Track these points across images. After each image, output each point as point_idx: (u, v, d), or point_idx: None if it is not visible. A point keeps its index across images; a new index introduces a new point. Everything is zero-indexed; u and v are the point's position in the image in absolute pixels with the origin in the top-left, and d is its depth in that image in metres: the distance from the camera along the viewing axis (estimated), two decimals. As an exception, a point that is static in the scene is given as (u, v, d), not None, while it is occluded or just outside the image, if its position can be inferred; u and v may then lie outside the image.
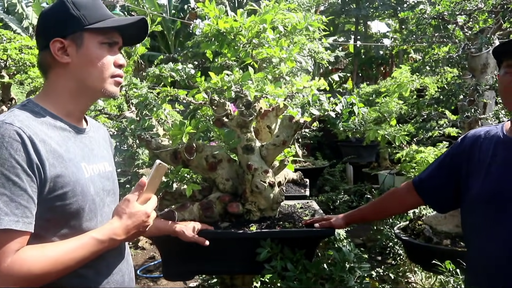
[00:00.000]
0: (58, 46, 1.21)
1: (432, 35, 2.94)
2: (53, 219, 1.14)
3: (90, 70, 1.24)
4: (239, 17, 2.05)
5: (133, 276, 1.43)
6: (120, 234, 1.20)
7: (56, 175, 1.12)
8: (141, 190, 1.26)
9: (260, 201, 2.00)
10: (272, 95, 1.85)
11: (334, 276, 1.97)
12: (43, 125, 1.16)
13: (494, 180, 1.43)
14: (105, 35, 1.26)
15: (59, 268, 1.09)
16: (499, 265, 1.38)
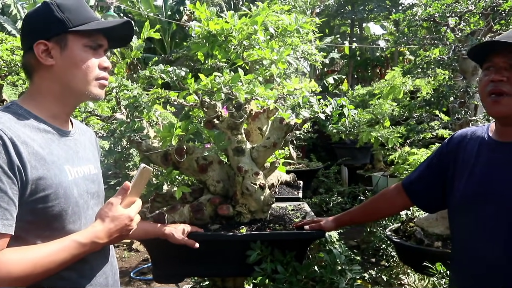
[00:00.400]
0: (42, 48, 1.21)
1: (424, 37, 2.96)
2: (35, 222, 1.13)
3: (74, 72, 1.24)
4: (230, 18, 2.05)
5: (117, 278, 1.43)
6: (103, 237, 1.19)
7: (38, 177, 1.11)
8: (125, 194, 1.26)
9: (251, 203, 2.00)
10: (262, 97, 1.85)
11: (325, 279, 1.97)
12: (25, 128, 1.16)
13: (476, 182, 1.44)
14: (89, 37, 1.26)
15: (39, 271, 1.08)
16: (481, 265, 1.39)
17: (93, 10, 9.19)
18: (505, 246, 1.32)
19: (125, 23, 1.31)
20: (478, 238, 1.41)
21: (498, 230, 1.35)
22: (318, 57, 3.40)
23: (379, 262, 4.26)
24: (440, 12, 2.68)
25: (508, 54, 1.30)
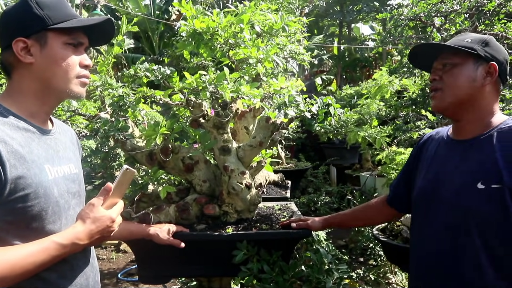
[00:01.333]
0: (21, 46, 1.19)
1: (410, 36, 2.97)
2: (14, 222, 1.11)
3: (54, 70, 1.22)
4: (216, 17, 2.03)
5: (98, 279, 1.41)
6: (83, 238, 1.18)
7: (17, 177, 1.09)
8: (107, 195, 1.24)
9: (237, 202, 1.98)
10: (248, 96, 1.84)
11: (311, 278, 1.96)
12: (5, 126, 1.14)
13: (429, 179, 1.53)
14: (69, 35, 1.24)
15: (18, 273, 1.06)
16: (428, 262, 1.47)
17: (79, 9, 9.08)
18: (450, 243, 1.39)
19: (106, 21, 1.30)
20: (426, 234, 1.50)
21: (444, 227, 1.43)
22: (306, 56, 3.40)
23: (367, 261, 4.28)
24: (426, 11, 2.70)
25: (441, 55, 1.48)
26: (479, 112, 1.43)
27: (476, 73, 1.41)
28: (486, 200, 1.31)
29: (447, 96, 1.44)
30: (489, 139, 1.38)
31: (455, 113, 1.47)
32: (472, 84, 1.41)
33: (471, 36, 1.50)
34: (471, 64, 1.42)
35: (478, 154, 1.39)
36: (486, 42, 1.45)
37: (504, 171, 1.29)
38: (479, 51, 1.41)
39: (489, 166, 1.34)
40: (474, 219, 1.34)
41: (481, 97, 1.43)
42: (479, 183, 1.33)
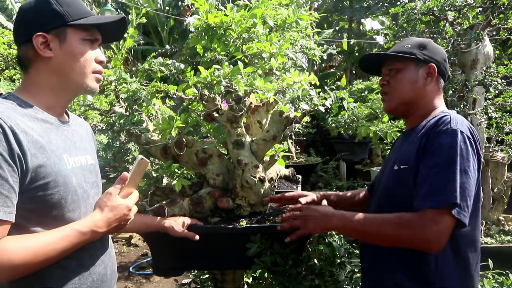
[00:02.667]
0: (41, 40, 1.22)
1: (422, 31, 2.95)
2: (35, 209, 1.14)
3: (72, 65, 1.26)
4: (229, 11, 2.04)
5: (115, 269, 1.45)
6: (102, 226, 1.21)
7: (38, 165, 1.12)
8: (123, 184, 1.28)
9: (250, 196, 2.00)
10: (262, 90, 1.85)
11: (324, 271, 1.98)
12: (24, 117, 1.17)
13: (382, 167, 1.79)
14: (87, 31, 1.29)
15: (40, 259, 1.09)
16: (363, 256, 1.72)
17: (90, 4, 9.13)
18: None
19: (121, 19, 1.34)
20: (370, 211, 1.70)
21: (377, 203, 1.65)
22: (316, 51, 3.40)
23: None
24: (439, 5, 2.68)
25: (386, 62, 1.67)
26: (424, 108, 1.61)
27: (418, 75, 1.59)
28: (396, 179, 1.52)
29: (393, 99, 1.63)
30: (418, 129, 1.55)
31: (403, 112, 1.66)
32: (414, 85, 1.59)
33: (411, 41, 1.67)
34: (412, 68, 1.60)
35: (406, 142, 1.59)
36: (424, 46, 1.63)
37: (411, 153, 1.48)
38: (418, 55, 1.59)
39: (406, 151, 1.53)
40: (389, 194, 1.57)
41: (424, 95, 1.61)
42: (395, 165, 1.54)
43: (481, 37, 2.64)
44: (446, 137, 1.40)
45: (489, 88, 2.68)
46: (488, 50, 3.10)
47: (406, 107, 1.63)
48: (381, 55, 1.69)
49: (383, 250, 1.52)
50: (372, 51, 12.17)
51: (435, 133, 1.43)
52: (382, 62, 1.70)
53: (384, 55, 1.67)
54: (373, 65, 1.77)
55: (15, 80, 3.90)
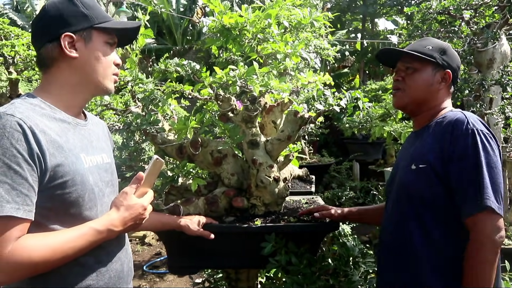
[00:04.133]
0: (68, 40, 1.26)
1: (438, 30, 2.93)
2: (53, 208, 1.17)
3: (95, 66, 1.31)
4: (244, 12, 2.05)
5: (131, 266, 1.47)
6: (118, 225, 1.24)
7: (56, 165, 1.15)
8: (139, 184, 1.29)
9: (265, 195, 2.01)
10: (277, 90, 1.86)
11: (338, 271, 1.98)
12: (43, 117, 1.20)
13: (394, 168, 1.80)
14: (109, 35, 1.34)
15: (59, 257, 1.12)
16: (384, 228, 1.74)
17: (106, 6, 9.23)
18: (397, 215, 1.63)
19: (137, 30, 1.42)
20: (385, 211, 1.76)
21: (393, 203, 1.67)
22: (330, 51, 3.39)
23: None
24: (455, 4, 2.65)
25: (404, 58, 1.68)
26: (433, 109, 1.65)
27: (433, 79, 1.63)
28: (416, 178, 1.54)
29: (405, 96, 1.66)
30: (429, 128, 1.61)
31: (412, 110, 1.69)
32: (429, 88, 1.64)
33: (431, 42, 1.70)
34: (430, 70, 1.64)
35: (419, 141, 1.62)
36: (444, 51, 1.67)
37: (429, 153, 1.52)
38: (438, 59, 1.63)
39: (421, 150, 1.57)
40: (408, 193, 1.59)
41: (436, 98, 1.65)
42: (413, 164, 1.56)
43: (498, 36, 2.61)
44: (469, 138, 1.45)
45: (506, 88, 2.65)
46: (505, 49, 3.06)
47: (416, 107, 1.67)
48: (402, 52, 1.70)
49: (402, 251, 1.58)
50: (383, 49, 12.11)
51: (457, 136, 1.47)
52: (399, 57, 1.72)
53: (405, 53, 1.68)
54: (389, 58, 1.80)
55: (33, 81, 3.97)
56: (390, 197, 1.74)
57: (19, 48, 3.32)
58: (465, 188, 1.44)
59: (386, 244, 1.70)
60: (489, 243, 1.38)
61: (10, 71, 3.68)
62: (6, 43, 3.26)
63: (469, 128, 1.46)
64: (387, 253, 1.68)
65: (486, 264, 1.38)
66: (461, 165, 1.45)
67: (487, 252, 1.38)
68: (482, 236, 1.39)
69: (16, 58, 3.42)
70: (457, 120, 1.51)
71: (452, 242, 1.48)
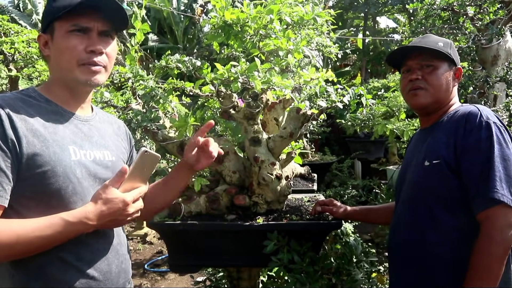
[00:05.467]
0: (42, 41, 1.29)
1: (442, 26, 2.90)
2: (33, 198, 1.15)
3: (60, 59, 1.27)
4: (246, 8, 2.03)
5: (125, 267, 1.40)
6: (92, 218, 1.16)
7: (34, 153, 1.13)
8: (122, 177, 1.21)
9: (267, 193, 1.99)
10: (279, 87, 1.84)
11: (341, 270, 1.96)
12: (32, 107, 1.20)
13: (403, 166, 1.79)
14: (71, 21, 1.24)
15: (23, 244, 1.08)
16: (394, 229, 1.71)
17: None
18: (410, 213, 1.60)
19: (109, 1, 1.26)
20: (396, 210, 1.73)
21: (406, 201, 1.64)
22: (333, 49, 3.36)
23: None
24: (459, 1, 2.63)
25: (419, 56, 1.63)
26: (446, 106, 1.64)
27: (450, 75, 1.63)
28: (430, 174, 1.52)
29: (430, 95, 1.61)
30: (441, 124, 1.59)
31: (434, 109, 1.65)
32: (448, 85, 1.62)
33: (437, 38, 1.67)
34: (447, 67, 1.62)
35: (431, 137, 1.59)
36: (452, 46, 1.66)
37: (442, 148, 1.49)
38: (453, 55, 1.62)
39: (433, 145, 1.54)
40: (421, 191, 1.56)
41: (453, 96, 1.65)
42: (426, 161, 1.54)
43: (502, 32, 2.59)
44: (483, 131, 1.42)
45: (511, 84, 2.64)
46: (510, 45, 3.03)
47: (438, 105, 1.63)
48: (421, 48, 1.64)
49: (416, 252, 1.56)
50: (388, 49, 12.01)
51: (470, 130, 1.45)
52: (406, 55, 1.68)
53: (429, 50, 1.62)
54: (395, 57, 1.75)
55: (33, 78, 3.95)
56: (400, 198, 1.71)
57: (19, 45, 3.30)
58: (477, 182, 1.41)
59: (398, 244, 1.67)
60: (500, 239, 1.35)
61: (10, 68, 3.66)
62: (6, 40, 3.25)
63: (482, 120, 1.44)
64: (400, 253, 1.65)
65: (494, 260, 1.35)
66: (474, 158, 1.42)
67: (496, 247, 1.34)
68: (492, 230, 1.36)
69: (16, 55, 3.41)
70: (470, 113, 1.48)
71: (468, 241, 1.44)
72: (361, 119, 3.54)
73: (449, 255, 1.48)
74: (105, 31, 1.29)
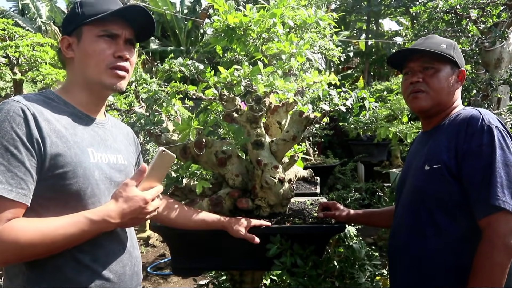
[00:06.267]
0: (65, 43, 1.31)
1: (445, 29, 2.90)
2: (53, 198, 1.16)
3: (87, 62, 1.30)
4: (249, 11, 2.04)
5: (138, 270, 1.42)
6: (114, 217, 1.19)
7: (57, 154, 1.15)
8: (141, 176, 1.26)
9: (270, 196, 1.99)
10: (282, 90, 1.84)
11: (344, 273, 1.95)
12: (53, 109, 1.22)
13: (404, 169, 1.78)
14: (100, 27, 1.30)
15: (47, 242, 1.09)
16: (395, 231, 1.70)
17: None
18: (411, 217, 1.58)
19: (140, 11, 1.34)
20: (396, 214, 1.71)
21: (406, 205, 1.63)
22: (335, 52, 3.37)
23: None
24: (462, 3, 2.62)
25: (421, 58, 1.60)
26: (449, 108, 1.62)
27: (453, 78, 1.60)
28: (430, 179, 1.50)
29: (430, 98, 1.59)
30: (442, 127, 1.57)
31: (435, 112, 1.63)
32: (451, 88, 1.60)
33: (442, 40, 1.64)
34: (449, 70, 1.59)
35: (432, 141, 1.58)
36: (456, 48, 1.63)
37: (443, 152, 1.47)
38: (456, 58, 1.59)
39: (434, 149, 1.52)
40: (421, 195, 1.54)
41: (456, 98, 1.62)
42: (426, 165, 1.52)
43: (506, 35, 2.58)
44: (485, 136, 1.40)
45: (515, 87, 2.64)
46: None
47: (439, 108, 1.62)
48: (420, 51, 1.62)
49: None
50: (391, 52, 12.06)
51: (472, 133, 1.43)
52: (408, 57, 1.66)
53: (428, 52, 1.60)
54: (397, 59, 1.73)
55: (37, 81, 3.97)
56: (400, 201, 1.70)
57: (24, 49, 3.32)
58: (478, 187, 1.39)
59: (398, 247, 1.66)
60: (502, 246, 1.33)
61: (14, 71, 3.68)
62: (11, 44, 3.27)
63: (484, 125, 1.42)
64: (400, 257, 1.64)
65: (496, 267, 1.34)
66: (475, 163, 1.41)
67: (499, 255, 1.33)
68: (494, 237, 1.34)
69: (20, 58, 3.43)
70: (471, 117, 1.46)
71: (469, 246, 1.43)
72: (364, 122, 3.53)
73: (449, 260, 1.47)
74: (130, 39, 1.36)
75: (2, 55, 3.60)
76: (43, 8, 15.16)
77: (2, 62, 3.66)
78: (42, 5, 15.23)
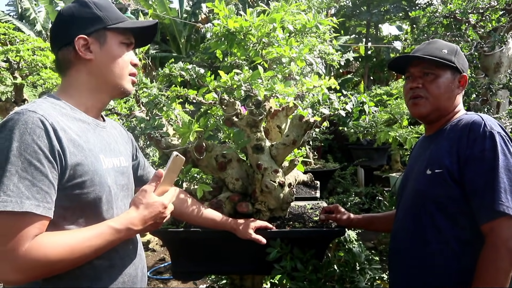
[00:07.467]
0: (82, 43, 1.27)
1: (444, 34, 2.91)
2: (70, 208, 1.15)
3: (111, 67, 1.31)
4: (249, 16, 2.04)
5: (145, 271, 1.44)
6: (137, 224, 1.21)
7: (76, 163, 1.14)
8: (158, 181, 1.27)
9: (270, 201, 1.99)
10: (282, 94, 1.84)
11: (345, 277, 1.95)
12: (63, 116, 1.20)
13: (405, 173, 1.78)
14: (124, 35, 1.33)
15: (76, 256, 1.09)
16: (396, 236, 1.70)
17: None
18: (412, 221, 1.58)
19: (154, 24, 1.40)
20: (397, 217, 1.72)
21: (408, 209, 1.63)
22: (335, 56, 3.37)
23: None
24: (461, 8, 2.63)
25: (421, 64, 1.61)
26: (450, 113, 1.62)
27: (454, 84, 1.60)
28: (432, 183, 1.50)
29: (429, 104, 1.60)
30: (444, 132, 1.57)
31: (435, 117, 1.64)
32: (451, 93, 1.60)
33: (444, 45, 1.64)
34: (450, 75, 1.59)
35: (433, 145, 1.58)
36: (458, 53, 1.63)
37: (445, 156, 1.48)
38: (456, 63, 1.59)
39: (436, 154, 1.53)
40: (423, 199, 1.54)
41: (456, 104, 1.63)
42: (428, 169, 1.53)
43: (505, 39, 2.59)
44: (487, 141, 1.41)
45: (514, 92, 2.65)
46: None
47: (439, 113, 1.62)
48: (419, 57, 1.63)
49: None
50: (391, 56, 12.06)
51: (474, 139, 1.43)
52: (409, 62, 1.67)
53: (427, 59, 1.61)
54: (398, 64, 1.75)
55: (38, 86, 3.98)
56: (401, 204, 1.70)
57: (24, 53, 3.34)
58: (482, 193, 1.40)
59: (399, 250, 1.66)
60: (505, 250, 1.33)
61: (15, 76, 3.69)
62: (12, 48, 3.28)
63: (486, 130, 1.42)
64: (400, 260, 1.65)
65: (499, 272, 1.33)
66: (478, 168, 1.41)
67: (502, 259, 1.33)
68: (498, 242, 1.35)
69: (21, 63, 3.44)
70: (473, 122, 1.47)
71: (470, 250, 1.43)
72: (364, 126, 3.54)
73: (449, 264, 1.47)
74: (133, 46, 1.41)
75: (3, 60, 3.62)
76: (41, 13, 15.19)
77: (2, 66, 3.68)
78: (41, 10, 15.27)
